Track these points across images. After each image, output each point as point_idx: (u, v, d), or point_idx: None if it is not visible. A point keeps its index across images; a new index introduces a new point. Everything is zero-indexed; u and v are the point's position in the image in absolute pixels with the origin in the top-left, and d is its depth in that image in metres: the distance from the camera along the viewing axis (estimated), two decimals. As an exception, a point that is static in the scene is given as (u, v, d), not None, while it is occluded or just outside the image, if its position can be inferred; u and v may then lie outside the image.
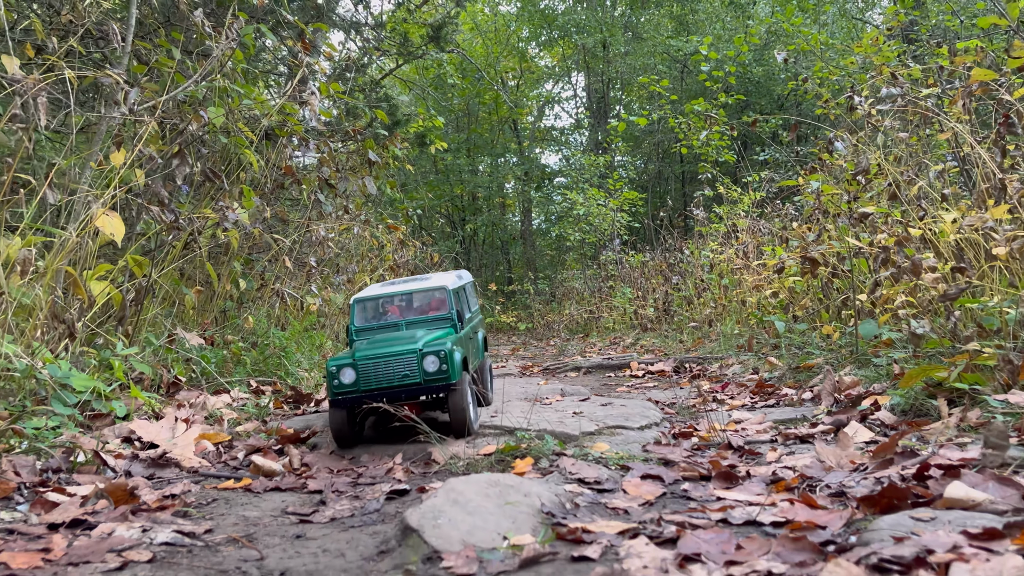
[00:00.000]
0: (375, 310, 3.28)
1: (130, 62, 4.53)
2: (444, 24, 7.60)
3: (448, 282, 3.29)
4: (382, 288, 3.36)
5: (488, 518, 1.79)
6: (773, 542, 1.61)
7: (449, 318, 3.17)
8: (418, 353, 2.76)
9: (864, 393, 3.33)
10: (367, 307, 3.27)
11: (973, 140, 3.74)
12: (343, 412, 2.81)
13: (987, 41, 7.11)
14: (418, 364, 2.76)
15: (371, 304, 3.28)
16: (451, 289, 3.24)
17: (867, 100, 4.41)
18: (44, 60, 4.17)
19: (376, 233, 7.73)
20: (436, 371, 2.76)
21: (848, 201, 4.61)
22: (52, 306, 3.23)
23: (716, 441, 2.88)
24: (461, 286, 3.53)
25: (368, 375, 2.76)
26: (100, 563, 1.65)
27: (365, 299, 3.27)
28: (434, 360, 2.76)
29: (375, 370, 2.76)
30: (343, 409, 2.81)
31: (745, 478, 2.27)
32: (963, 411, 2.65)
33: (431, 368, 2.76)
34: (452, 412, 2.82)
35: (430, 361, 2.76)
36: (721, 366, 5.71)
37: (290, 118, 4.70)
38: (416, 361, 2.75)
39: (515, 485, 2.03)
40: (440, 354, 2.77)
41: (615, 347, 9.19)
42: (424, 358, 2.76)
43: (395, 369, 2.76)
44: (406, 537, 1.70)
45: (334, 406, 2.80)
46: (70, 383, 2.96)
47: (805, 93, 8.67)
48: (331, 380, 2.77)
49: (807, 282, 5.65)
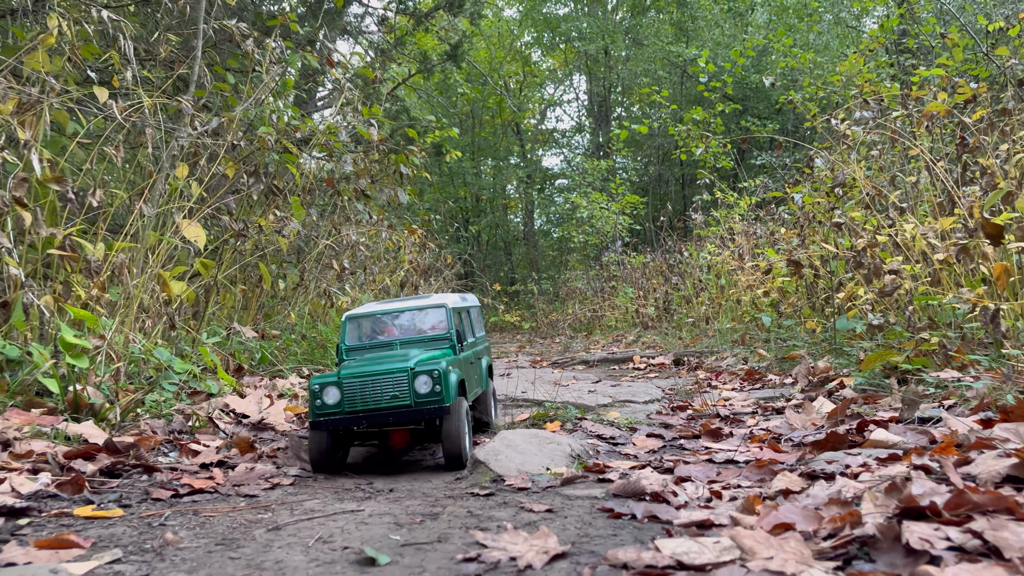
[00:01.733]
0: (369, 328, 3.06)
1: (195, 89, 5.15)
2: (460, 43, 8.23)
3: (449, 301, 3.07)
4: (377, 305, 3.15)
5: (533, 456, 2.41)
6: (743, 469, 2.22)
7: (448, 338, 2.94)
8: (409, 372, 2.54)
9: (833, 376, 3.95)
10: (360, 325, 3.05)
11: (930, 159, 4.36)
12: (324, 435, 2.59)
13: (972, 52, 7.68)
14: (409, 385, 2.53)
15: (365, 322, 3.06)
16: (451, 308, 3.03)
17: (843, 121, 5.02)
18: (126, 89, 4.79)
19: (394, 236, 8.36)
20: (428, 393, 2.53)
21: (828, 210, 5.23)
22: (157, 302, 3.84)
23: (707, 413, 3.50)
24: (465, 308, 3.32)
25: (354, 395, 2.53)
26: (255, 485, 2.27)
27: (358, 316, 3.06)
28: (427, 380, 2.53)
29: (362, 390, 2.54)
30: (325, 432, 2.59)
31: (728, 436, 2.89)
32: (908, 387, 3.27)
33: (423, 389, 2.53)
34: (445, 439, 2.55)
35: (422, 382, 2.53)
36: (717, 359, 6.33)
37: (332, 136, 5.31)
38: (407, 381, 2.53)
39: (550, 437, 2.65)
40: (433, 374, 2.53)
41: (618, 344, 9.80)
42: (416, 378, 2.53)
43: (383, 389, 2.54)
44: (476, 467, 2.32)
45: (315, 428, 2.58)
46: (173, 366, 3.58)
47: (795, 108, 9.28)
48: (313, 400, 2.57)
49: (794, 282, 6.27)
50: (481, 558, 1.50)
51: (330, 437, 2.60)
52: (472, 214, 23.35)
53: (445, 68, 9.15)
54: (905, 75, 8.40)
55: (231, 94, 5.41)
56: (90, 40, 4.43)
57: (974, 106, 4.80)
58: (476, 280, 15.82)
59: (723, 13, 20.40)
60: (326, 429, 2.57)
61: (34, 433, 2.55)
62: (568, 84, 26.50)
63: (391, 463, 2.79)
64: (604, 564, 1.43)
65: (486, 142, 23.39)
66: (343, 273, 6.67)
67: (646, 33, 21.61)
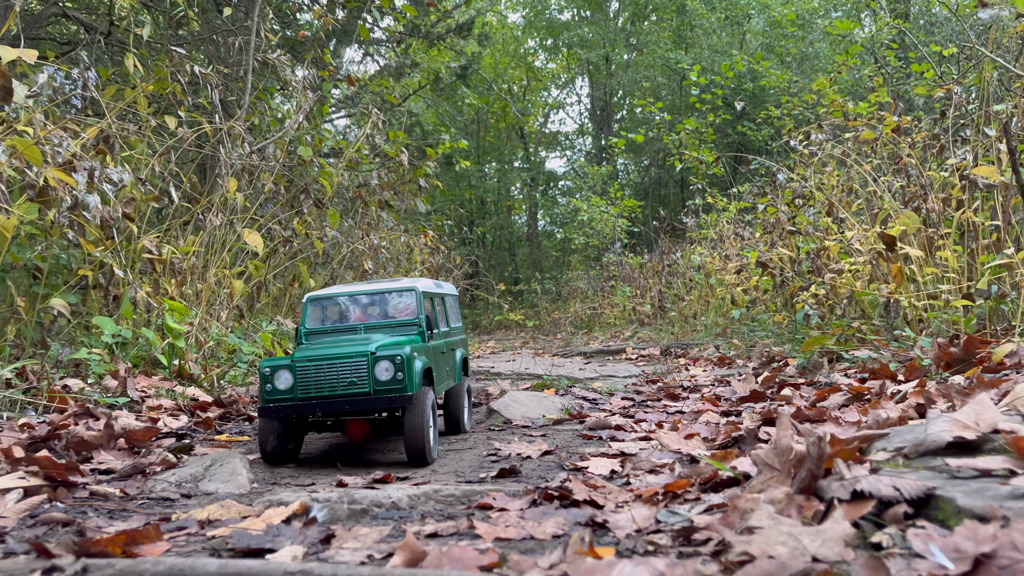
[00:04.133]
0: (333, 312, 2.89)
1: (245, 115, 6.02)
2: (469, 65, 9.11)
3: (420, 285, 2.89)
4: (343, 287, 2.98)
5: (533, 408, 3.26)
6: (687, 414, 3.07)
7: (417, 324, 2.76)
8: (369, 357, 2.36)
9: (782, 356, 4.78)
10: (323, 307, 2.88)
11: (872, 176, 5.19)
12: (275, 423, 2.43)
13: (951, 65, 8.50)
14: (368, 370, 2.35)
15: (328, 304, 2.89)
16: (421, 291, 2.86)
17: (801, 142, 5.87)
18: (188, 117, 5.65)
19: (408, 240, 9.23)
20: (390, 380, 2.36)
21: (790, 218, 6.07)
22: (223, 298, 4.70)
23: (674, 386, 4.34)
24: (439, 295, 3.15)
25: (307, 381, 2.37)
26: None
27: (320, 298, 2.89)
28: (388, 367, 2.36)
29: (316, 375, 2.36)
30: (275, 420, 2.42)
31: (685, 399, 3.73)
32: (833, 364, 4.11)
33: (384, 376, 2.36)
34: (407, 431, 2.37)
35: (383, 368, 2.36)
36: (700, 349, 7.17)
37: (361, 155, 6.18)
38: (366, 366, 2.35)
39: (546, 397, 3.50)
40: (396, 359, 2.36)
41: (615, 339, 10.65)
42: (376, 364, 2.36)
43: (340, 375, 2.36)
44: (491, 414, 3.18)
45: (264, 415, 2.40)
46: (242, 348, 4.44)
47: (772, 122, 10.13)
48: (263, 384, 2.39)
49: (766, 280, 7.11)
50: (498, 454, 2.35)
51: (282, 425, 2.45)
52: (477, 216, 24.19)
53: (455, 85, 10.03)
54: (895, 83, 9.26)
55: (272, 118, 6.28)
56: (165, 78, 5.29)
57: (916, 131, 5.64)
58: (482, 280, 16.64)
59: (720, 22, 21.21)
60: (276, 416, 2.40)
61: (158, 394, 3.41)
62: (571, 88, 27.35)
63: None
64: (575, 455, 2.28)
65: (491, 146, 24.25)
66: (367, 274, 7.53)
67: (646, 40, 22.43)
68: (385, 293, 2.87)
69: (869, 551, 1.09)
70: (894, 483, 1.21)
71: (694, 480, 1.64)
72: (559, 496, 1.62)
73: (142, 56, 5.61)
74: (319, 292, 2.91)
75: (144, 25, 5.51)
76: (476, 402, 3.80)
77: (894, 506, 1.17)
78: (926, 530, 1.07)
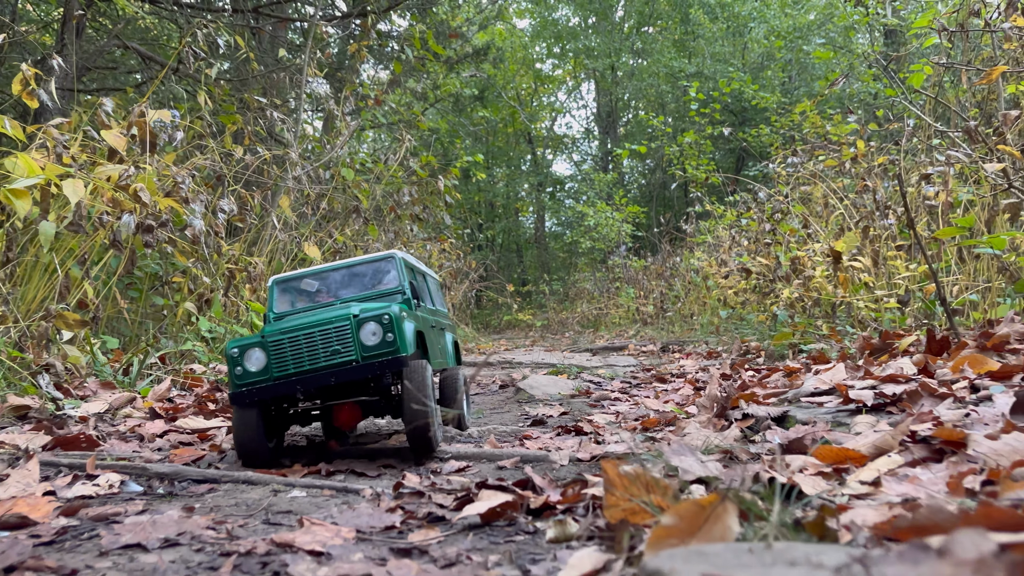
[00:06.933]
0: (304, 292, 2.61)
1: (297, 140, 6.95)
2: (487, 87, 10.01)
3: (398, 253, 2.66)
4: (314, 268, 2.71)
5: (551, 388, 4.18)
6: (670, 391, 3.98)
7: (400, 291, 2.51)
8: (352, 320, 2.11)
9: (758, 349, 5.68)
10: (291, 288, 2.62)
11: (842, 195, 6.09)
12: (253, 413, 2.14)
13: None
14: (354, 334, 2.10)
15: (297, 284, 2.62)
16: (401, 258, 2.63)
17: (778, 164, 6.78)
18: (251, 145, 6.58)
19: (428, 246, 10.18)
20: (379, 343, 2.10)
21: (770, 231, 6.98)
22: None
23: (664, 373, 5.25)
24: (421, 272, 2.93)
25: (283, 356, 2.10)
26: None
27: (288, 279, 2.64)
28: (375, 328, 2.10)
29: (293, 348, 2.10)
30: (252, 408, 2.14)
31: (672, 382, 4.64)
32: (795, 355, 5.01)
33: (371, 340, 2.10)
34: (406, 410, 2.08)
35: (370, 331, 2.10)
36: (695, 345, 8.08)
37: (396, 177, 7.12)
38: (351, 331, 2.11)
39: (560, 380, 4.42)
40: (383, 319, 2.10)
41: (619, 337, 11.55)
42: (362, 326, 2.11)
43: (322, 345, 2.10)
44: (518, 391, 4.10)
45: (237, 403, 2.12)
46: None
47: (765, 137, 11.03)
48: (232, 368, 2.13)
49: (749, 283, 8.01)
50: (527, 415, 3.27)
51: (260, 415, 2.14)
52: (486, 219, 25.07)
53: (475, 108, 10.98)
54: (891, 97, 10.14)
55: (317, 143, 7.22)
56: (234, 111, 6.23)
57: (875, 155, 6.53)
58: (494, 281, 17.55)
59: (722, 31, 22.05)
60: (251, 401, 2.11)
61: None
62: (577, 93, 28.25)
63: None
64: (585, 415, 3.20)
65: (500, 150, 25.17)
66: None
67: (650, 49, 23.30)
68: (361, 264, 2.62)
69: (745, 444, 2.00)
70: (767, 410, 2.12)
71: (661, 420, 2.55)
72: (574, 430, 2.53)
73: (211, 92, 6.55)
74: (286, 273, 2.68)
75: (213, 66, 6.46)
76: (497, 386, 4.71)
77: (764, 421, 2.09)
78: (773, 430, 1.98)
